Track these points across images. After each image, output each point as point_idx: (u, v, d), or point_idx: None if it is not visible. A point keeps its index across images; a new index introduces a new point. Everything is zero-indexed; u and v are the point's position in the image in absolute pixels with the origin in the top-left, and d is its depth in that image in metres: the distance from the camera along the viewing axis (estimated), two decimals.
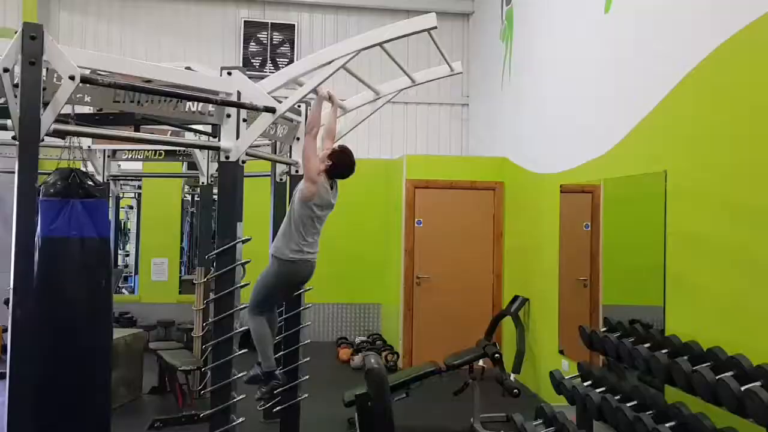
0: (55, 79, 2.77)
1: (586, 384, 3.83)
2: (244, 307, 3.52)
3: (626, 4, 4.75)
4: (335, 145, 4.16)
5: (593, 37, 5.26)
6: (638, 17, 4.56)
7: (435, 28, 3.49)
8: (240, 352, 3.40)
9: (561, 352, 5.54)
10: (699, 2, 3.83)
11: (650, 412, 3.17)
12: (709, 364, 3.10)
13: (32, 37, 2.53)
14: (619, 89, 4.81)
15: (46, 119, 2.60)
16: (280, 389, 4.15)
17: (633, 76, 4.60)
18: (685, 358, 3.23)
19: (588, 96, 5.33)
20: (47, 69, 2.72)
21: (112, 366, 3.63)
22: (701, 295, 3.66)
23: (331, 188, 4.10)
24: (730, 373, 2.90)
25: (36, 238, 2.93)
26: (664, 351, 3.42)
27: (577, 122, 5.53)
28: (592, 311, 5.15)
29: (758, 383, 2.74)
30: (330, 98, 4.17)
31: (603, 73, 5.08)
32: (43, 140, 2.61)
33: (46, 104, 2.63)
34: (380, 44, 3.58)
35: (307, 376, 4.46)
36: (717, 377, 2.86)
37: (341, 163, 4.07)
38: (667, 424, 2.99)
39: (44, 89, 2.63)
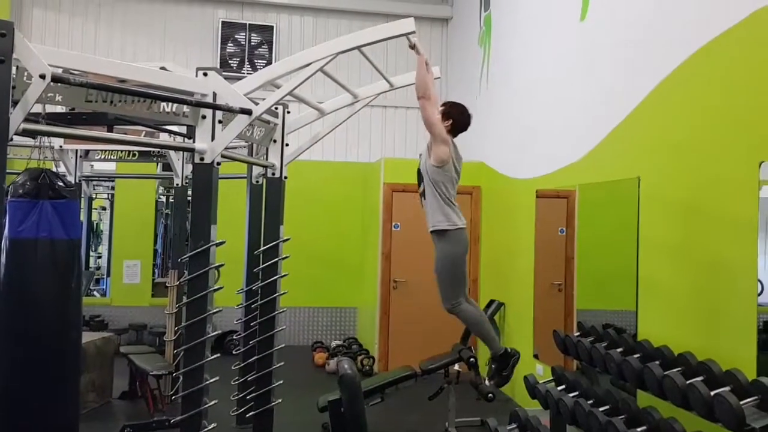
0: (25, 78, 2.72)
1: (559, 388, 3.85)
2: (219, 311, 3.46)
3: (601, 13, 4.81)
4: (441, 106, 4.07)
5: (569, 45, 5.31)
6: (613, 26, 4.61)
7: (413, 32, 3.49)
8: (212, 357, 3.36)
9: (536, 356, 5.57)
10: (672, 13, 3.89)
11: (622, 416, 3.19)
12: (679, 369, 3.13)
13: (2, 34, 2.48)
14: (593, 96, 4.85)
15: (15, 118, 2.55)
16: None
17: (607, 84, 4.65)
18: (657, 363, 3.26)
19: (563, 102, 5.37)
20: (17, 67, 2.67)
21: (81, 370, 3.57)
22: (672, 301, 3.71)
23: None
24: (699, 378, 2.93)
25: (3, 240, 2.86)
26: (636, 356, 3.45)
27: (552, 128, 5.57)
28: (567, 315, 5.19)
29: (727, 388, 2.77)
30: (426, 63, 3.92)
31: (578, 80, 5.13)
32: (11, 140, 2.55)
33: (15, 103, 2.57)
34: (358, 48, 3.58)
35: (281, 381, 4.42)
36: (687, 382, 2.89)
37: (459, 117, 4.03)
38: (639, 429, 3.01)
39: (14, 88, 2.57)
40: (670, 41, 3.88)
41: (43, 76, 2.48)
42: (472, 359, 5.22)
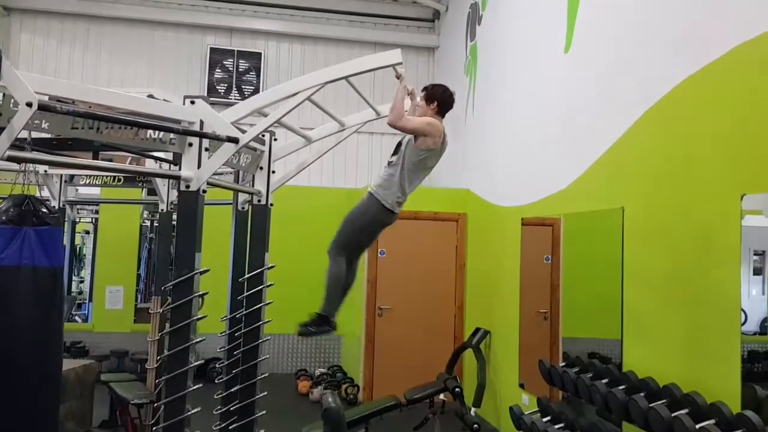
0: (11, 105, 2.70)
1: (545, 419, 3.84)
2: (202, 340, 3.43)
3: (585, 46, 4.89)
4: (422, 91, 4.03)
5: (553, 75, 5.39)
6: (596, 58, 4.69)
7: (400, 63, 3.53)
8: (195, 387, 3.31)
9: (521, 386, 5.55)
10: (654, 47, 3.96)
11: None
12: (665, 401, 3.14)
13: None
14: (577, 126, 4.91)
15: (1, 145, 2.53)
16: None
17: (591, 114, 4.71)
18: (642, 394, 3.26)
19: (548, 132, 5.43)
20: (4, 94, 2.66)
21: (61, 399, 3.50)
22: (657, 330, 3.72)
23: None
24: (684, 411, 2.94)
25: None
26: (621, 387, 3.45)
27: (537, 157, 5.62)
28: (552, 344, 5.19)
29: (712, 421, 2.78)
30: (411, 94, 4.01)
31: (562, 110, 5.19)
32: None
33: (1, 129, 2.56)
34: (346, 78, 3.60)
35: (263, 411, 4.36)
36: (673, 415, 2.90)
37: (443, 96, 3.96)
38: None
39: (0, 114, 2.56)
40: (653, 73, 3.95)
41: (29, 104, 2.47)
42: (457, 389, 5.19)
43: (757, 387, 2.94)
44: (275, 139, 4.54)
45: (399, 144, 4.05)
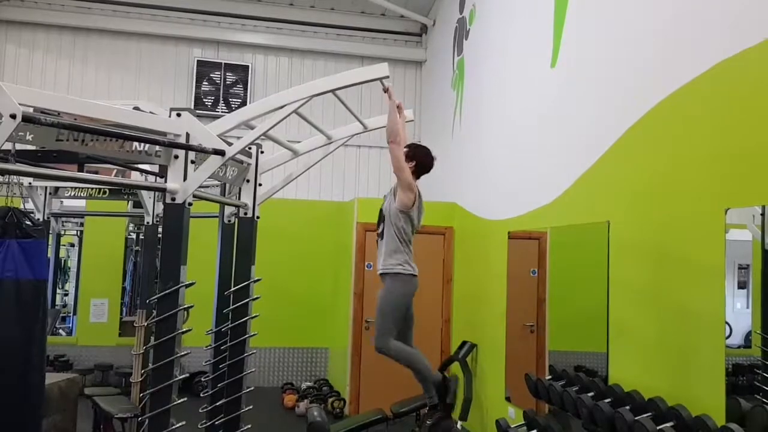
0: None
1: None
2: (187, 354, 3.40)
3: (571, 61, 4.94)
4: (405, 148, 4.11)
5: (540, 91, 5.43)
6: (582, 74, 4.74)
7: (387, 77, 3.54)
8: (179, 401, 3.28)
9: (508, 399, 5.55)
10: (638, 62, 4.02)
11: None
12: (650, 414, 3.15)
13: None
14: (564, 140, 4.95)
15: None
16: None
17: (577, 129, 4.75)
18: (628, 408, 3.27)
19: (534, 146, 5.47)
20: None
21: (44, 413, 3.45)
22: (642, 343, 3.74)
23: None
24: (669, 424, 2.95)
25: None
26: (607, 400, 3.46)
27: (524, 171, 5.66)
28: (539, 357, 5.20)
29: None
30: (399, 107, 4.11)
31: (549, 125, 5.23)
32: None
33: None
34: (333, 91, 3.61)
35: (249, 425, 4.32)
36: (658, 428, 2.91)
37: (424, 159, 4.10)
38: None
39: None
40: (637, 89, 3.99)
41: (14, 116, 2.46)
42: None
43: (742, 400, 2.96)
44: (262, 152, 4.53)
45: (381, 212, 4.14)
